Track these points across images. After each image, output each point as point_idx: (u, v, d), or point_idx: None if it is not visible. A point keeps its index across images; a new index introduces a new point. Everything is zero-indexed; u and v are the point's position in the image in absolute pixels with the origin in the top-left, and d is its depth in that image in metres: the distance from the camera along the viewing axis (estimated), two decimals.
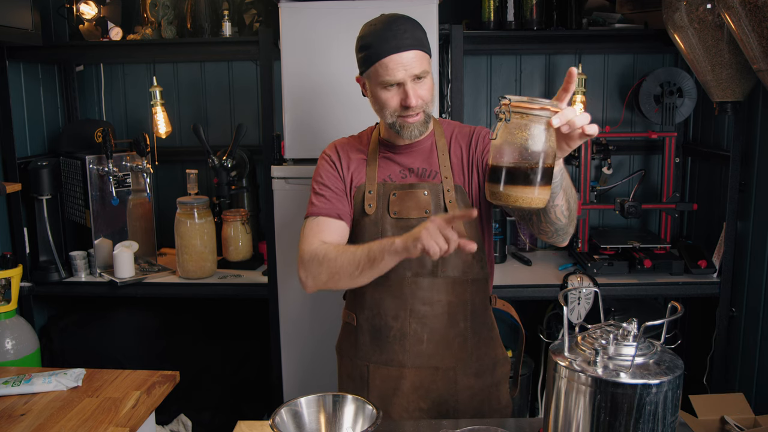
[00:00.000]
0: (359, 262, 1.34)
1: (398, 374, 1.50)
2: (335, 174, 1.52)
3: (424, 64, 1.40)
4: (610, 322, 1.06)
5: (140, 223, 2.75)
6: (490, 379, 1.56)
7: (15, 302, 2.31)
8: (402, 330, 1.49)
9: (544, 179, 1.05)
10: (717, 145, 2.63)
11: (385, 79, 1.39)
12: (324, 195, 1.50)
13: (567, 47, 2.69)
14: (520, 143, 1.03)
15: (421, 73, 1.39)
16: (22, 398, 1.53)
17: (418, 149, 1.52)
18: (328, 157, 1.55)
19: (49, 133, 2.85)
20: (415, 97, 1.39)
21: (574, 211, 1.33)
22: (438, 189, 1.47)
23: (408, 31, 1.38)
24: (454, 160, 1.51)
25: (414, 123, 1.43)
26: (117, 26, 2.73)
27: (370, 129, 1.61)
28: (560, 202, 1.27)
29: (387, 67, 1.37)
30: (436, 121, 1.56)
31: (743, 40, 1.67)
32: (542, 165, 1.04)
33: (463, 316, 1.50)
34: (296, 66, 2.22)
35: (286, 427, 1.15)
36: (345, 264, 1.36)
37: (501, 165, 1.06)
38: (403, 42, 1.36)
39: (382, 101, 1.42)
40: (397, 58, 1.36)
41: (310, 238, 1.45)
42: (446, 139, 1.53)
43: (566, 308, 1.04)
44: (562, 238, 1.39)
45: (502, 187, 1.06)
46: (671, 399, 0.97)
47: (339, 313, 1.65)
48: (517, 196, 1.05)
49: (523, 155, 1.03)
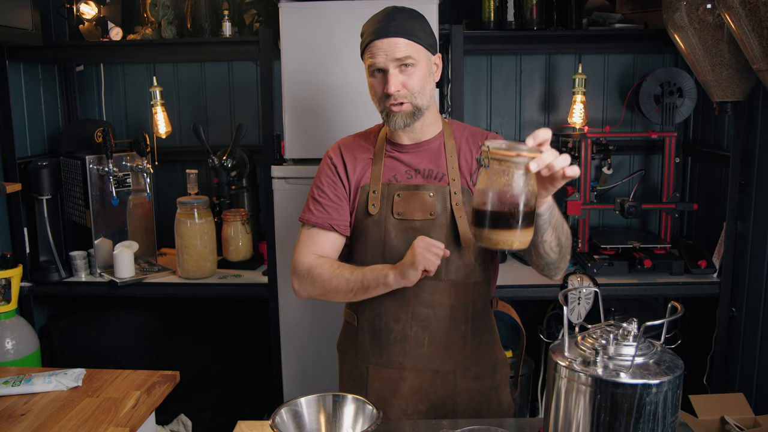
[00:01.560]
0: (353, 289, 1.41)
1: (398, 376, 1.50)
2: (335, 179, 1.52)
3: (410, 52, 1.39)
4: (610, 322, 1.06)
5: (140, 223, 2.75)
6: (489, 382, 1.56)
7: (15, 302, 2.30)
8: (403, 332, 1.49)
9: (525, 222, 1.08)
10: (717, 145, 2.63)
11: (370, 62, 1.41)
12: (321, 203, 1.50)
13: (567, 47, 2.69)
14: (500, 188, 1.06)
15: (405, 60, 1.39)
16: (22, 398, 1.53)
17: (425, 149, 1.51)
18: (330, 160, 1.54)
19: (49, 133, 2.85)
20: (395, 84, 1.38)
21: (565, 247, 1.35)
22: (445, 191, 1.46)
23: (398, 20, 1.39)
24: (463, 163, 1.50)
25: (398, 112, 1.42)
26: (117, 26, 2.73)
27: (377, 126, 1.60)
28: (549, 238, 1.29)
29: (371, 52, 1.40)
30: (445, 122, 1.54)
31: (743, 40, 1.67)
32: (523, 209, 1.06)
33: (465, 319, 1.50)
34: (296, 66, 2.22)
35: (286, 427, 1.15)
36: (338, 287, 1.43)
37: (482, 209, 1.09)
38: (388, 29, 1.38)
39: (371, 89, 1.45)
40: (378, 43, 1.39)
41: (304, 251, 1.49)
42: (456, 141, 1.52)
43: (566, 308, 1.04)
44: (554, 272, 1.41)
45: (484, 230, 1.09)
46: (671, 399, 0.96)
47: (339, 312, 1.65)
48: (498, 240, 1.08)
49: (504, 200, 1.06)
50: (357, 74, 2.20)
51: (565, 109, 2.83)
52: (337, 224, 1.49)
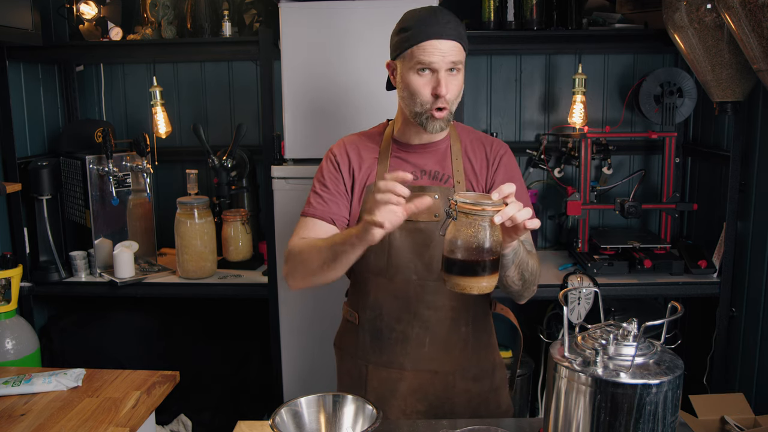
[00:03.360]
0: (325, 258, 1.33)
1: (397, 376, 1.50)
2: (337, 175, 1.51)
3: (461, 57, 1.39)
4: (610, 322, 1.06)
5: (140, 223, 2.75)
6: (488, 384, 1.56)
7: (15, 302, 2.30)
8: (404, 333, 1.48)
9: (491, 269, 1.15)
10: (717, 145, 2.63)
11: (421, 59, 1.36)
12: (321, 196, 1.49)
13: (567, 47, 2.69)
14: (467, 239, 1.13)
15: (457, 64, 1.38)
16: (22, 398, 1.53)
17: (432, 150, 1.50)
18: (334, 156, 1.53)
19: (49, 133, 2.85)
20: (446, 86, 1.37)
21: (529, 281, 1.40)
22: (449, 193, 1.45)
23: (451, 22, 1.38)
24: (467, 167, 1.49)
25: (441, 118, 1.40)
26: (117, 26, 2.73)
27: (381, 126, 1.58)
28: (511, 274, 1.34)
29: (425, 50, 1.36)
30: (451, 125, 1.53)
31: (743, 40, 1.67)
32: (488, 258, 1.14)
33: (466, 321, 1.50)
34: (296, 66, 2.22)
35: (286, 427, 1.15)
36: (311, 258, 1.37)
37: (451, 257, 1.16)
38: (445, 30, 1.36)
39: (413, 87, 1.39)
40: (436, 43, 1.35)
41: (295, 237, 1.47)
42: (461, 144, 1.51)
43: (566, 308, 1.05)
44: (518, 299, 1.48)
45: (452, 276, 1.16)
46: (671, 399, 0.97)
47: (339, 312, 1.65)
48: (464, 285, 1.15)
49: (471, 249, 1.13)
50: (357, 74, 2.21)
51: (565, 109, 2.83)
52: (336, 217, 1.48)
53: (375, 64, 2.16)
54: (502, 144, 1.54)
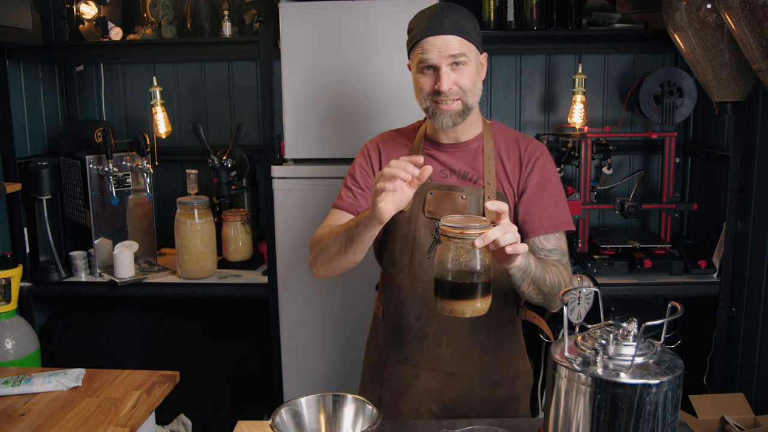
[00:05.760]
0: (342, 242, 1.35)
1: (413, 374, 1.50)
2: (368, 170, 1.53)
3: (463, 49, 1.37)
4: (610, 322, 1.06)
5: (140, 223, 2.75)
6: (508, 391, 1.53)
7: (15, 302, 2.31)
8: (423, 331, 1.48)
9: (483, 292, 1.13)
10: (717, 145, 2.63)
11: (421, 58, 1.38)
12: (351, 190, 1.51)
13: (567, 47, 2.69)
14: (451, 262, 1.13)
15: (459, 57, 1.36)
16: (22, 398, 1.53)
17: (463, 150, 1.49)
18: (367, 151, 1.56)
19: (49, 133, 2.85)
20: (448, 82, 1.36)
21: (549, 294, 1.36)
22: (479, 194, 1.44)
23: (451, 17, 1.37)
24: (499, 168, 1.47)
25: (447, 111, 1.39)
26: (117, 26, 2.73)
27: (417, 123, 1.59)
28: (526, 289, 1.32)
29: (423, 48, 1.38)
30: (486, 124, 1.51)
31: (743, 40, 1.67)
32: (477, 280, 1.12)
33: (486, 325, 1.48)
34: (296, 66, 2.22)
35: (286, 427, 1.15)
36: (329, 243, 1.39)
37: (441, 280, 1.15)
38: (441, 26, 1.36)
39: (419, 85, 1.42)
40: (432, 40, 1.36)
41: (321, 227, 1.48)
42: (495, 144, 1.49)
43: (566, 308, 1.04)
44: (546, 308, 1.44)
45: (442, 300, 1.15)
46: (671, 399, 0.96)
47: (340, 313, 1.65)
48: (455, 309, 1.14)
49: (456, 273, 1.12)
50: (357, 73, 2.21)
51: (565, 109, 2.83)
52: (363, 211, 1.46)
53: (375, 64, 2.16)
54: (540, 145, 1.51)
